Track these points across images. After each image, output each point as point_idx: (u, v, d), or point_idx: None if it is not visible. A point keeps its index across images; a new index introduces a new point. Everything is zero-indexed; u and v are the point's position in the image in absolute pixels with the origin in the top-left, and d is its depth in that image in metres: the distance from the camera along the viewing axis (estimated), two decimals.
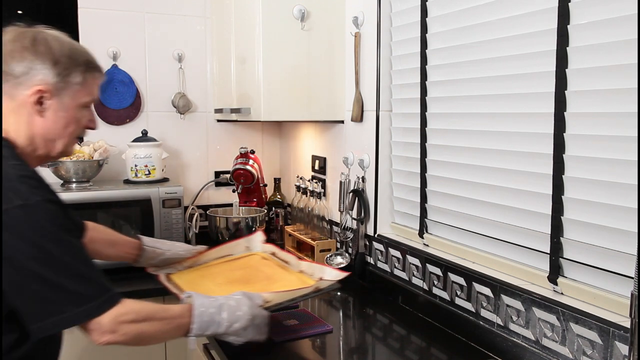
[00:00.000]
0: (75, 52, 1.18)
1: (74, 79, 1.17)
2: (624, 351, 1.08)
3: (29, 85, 1.13)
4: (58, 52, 1.15)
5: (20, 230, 1.02)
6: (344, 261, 2.03)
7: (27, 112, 1.14)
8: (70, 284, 1.06)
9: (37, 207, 1.04)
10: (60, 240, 1.06)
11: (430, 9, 1.71)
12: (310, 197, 2.29)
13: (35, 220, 1.04)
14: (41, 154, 1.19)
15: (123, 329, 1.11)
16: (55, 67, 1.14)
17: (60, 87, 1.15)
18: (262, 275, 1.59)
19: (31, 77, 1.12)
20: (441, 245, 1.71)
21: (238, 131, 2.70)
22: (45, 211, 1.06)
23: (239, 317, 1.26)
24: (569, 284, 1.27)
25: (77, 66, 1.17)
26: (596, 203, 1.21)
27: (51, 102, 1.15)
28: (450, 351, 1.45)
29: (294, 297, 1.40)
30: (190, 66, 2.55)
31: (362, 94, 2.00)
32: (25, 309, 1.06)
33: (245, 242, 1.79)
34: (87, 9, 2.37)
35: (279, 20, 2.02)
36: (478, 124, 1.53)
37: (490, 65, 1.48)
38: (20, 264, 1.02)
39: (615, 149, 1.16)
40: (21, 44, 1.13)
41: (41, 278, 1.03)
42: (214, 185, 2.64)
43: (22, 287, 1.03)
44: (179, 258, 1.66)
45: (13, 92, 1.13)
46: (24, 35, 1.14)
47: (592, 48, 1.19)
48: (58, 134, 1.18)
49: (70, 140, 1.22)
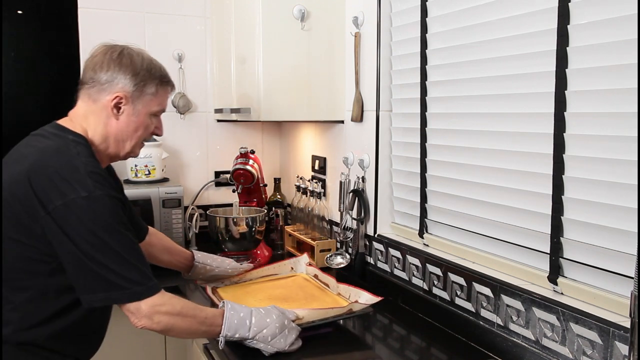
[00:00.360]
0: (153, 67, 1.37)
1: (149, 90, 1.36)
2: (624, 351, 1.08)
3: (110, 91, 1.32)
4: (139, 66, 1.34)
5: (82, 217, 1.18)
6: (344, 261, 2.03)
7: (105, 114, 1.34)
8: (119, 269, 1.20)
9: (99, 200, 1.20)
10: (115, 231, 1.21)
11: (430, 9, 1.71)
12: (310, 197, 2.28)
13: (95, 210, 1.19)
14: (112, 152, 1.38)
15: (157, 318, 1.24)
16: (135, 78, 1.33)
17: (136, 96, 1.34)
18: (301, 295, 1.69)
19: (114, 85, 1.32)
20: (441, 245, 1.71)
21: (238, 131, 2.70)
22: (105, 204, 1.21)
23: (267, 324, 1.35)
24: (569, 284, 1.27)
25: (153, 79, 1.36)
26: (596, 203, 1.21)
27: (126, 107, 1.34)
28: (450, 351, 1.45)
29: (326, 317, 1.47)
30: (190, 66, 2.55)
31: (362, 94, 2.00)
32: (79, 282, 1.22)
33: (290, 263, 1.92)
34: (87, 9, 2.37)
35: (279, 20, 2.02)
36: (478, 124, 1.53)
37: (490, 65, 1.48)
38: (80, 245, 1.18)
39: (615, 149, 1.16)
40: (110, 57, 1.33)
41: (95, 260, 1.19)
42: (214, 185, 2.64)
43: (80, 264, 1.20)
44: (226, 275, 1.80)
45: (97, 96, 1.33)
46: (113, 50, 1.34)
47: (592, 48, 1.19)
48: (128, 136, 1.37)
49: (138, 143, 1.40)
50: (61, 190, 1.18)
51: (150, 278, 1.25)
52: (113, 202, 1.24)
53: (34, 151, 1.26)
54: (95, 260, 1.19)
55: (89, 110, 1.35)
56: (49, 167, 1.21)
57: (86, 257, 1.18)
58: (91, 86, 1.33)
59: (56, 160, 1.23)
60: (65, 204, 1.18)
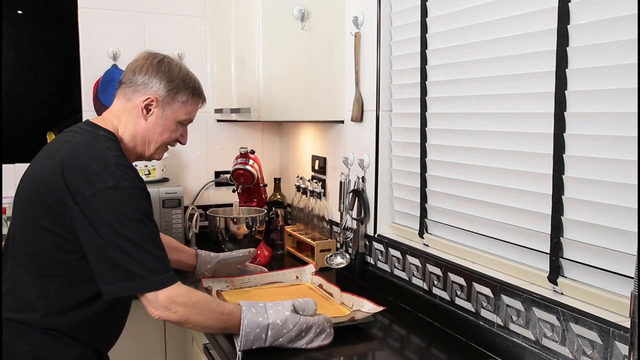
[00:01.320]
0: (188, 78, 1.46)
1: (180, 98, 1.44)
2: (624, 351, 1.08)
3: (144, 93, 1.41)
4: (175, 75, 1.43)
5: (108, 206, 1.23)
6: (344, 261, 2.03)
7: (136, 114, 1.42)
8: (140, 258, 1.23)
9: (125, 190, 1.25)
10: (139, 220, 1.25)
11: (430, 9, 1.71)
12: (310, 197, 2.29)
13: (121, 200, 1.24)
14: (139, 151, 1.46)
15: (174, 308, 1.26)
16: (169, 84, 1.42)
17: (167, 101, 1.42)
18: None
19: (148, 88, 1.41)
20: (441, 245, 1.71)
21: (238, 131, 2.70)
22: (131, 195, 1.26)
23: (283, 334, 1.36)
24: (569, 284, 1.27)
25: (186, 89, 1.45)
26: (596, 203, 1.20)
27: (156, 110, 1.42)
28: (450, 351, 1.45)
29: None
30: (190, 66, 2.47)
31: (362, 94, 2.00)
32: (101, 272, 1.25)
33: (296, 272, 1.94)
34: (87, 9, 2.37)
35: (279, 20, 2.02)
36: (478, 124, 1.53)
37: (490, 65, 1.48)
38: (103, 234, 1.22)
39: (615, 149, 1.16)
40: (150, 62, 1.42)
41: (117, 247, 1.22)
42: (214, 185, 2.65)
43: (102, 251, 1.23)
44: (232, 259, 1.87)
45: (131, 96, 1.42)
46: (155, 57, 1.44)
47: (592, 48, 1.19)
48: (154, 138, 1.44)
49: (162, 146, 1.48)
50: (91, 181, 1.24)
51: (169, 269, 1.28)
52: (139, 193, 1.28)
53: (67, 146, 1.32)
54: (117, 248, 1.22)
55: (122, 109, 1.43)
56: (81, 161, 1.27)
57: (108, 245, 1.22)
58: (128, 86, 1.42)
59: (88, 153, 1.29)
60: (93, 194, 1.23)
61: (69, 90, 2.41)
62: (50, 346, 1.32)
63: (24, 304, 1.32)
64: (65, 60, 2.39)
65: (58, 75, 2.40)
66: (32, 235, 1.31)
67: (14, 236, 1.37)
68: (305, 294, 1.79)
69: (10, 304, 1.33)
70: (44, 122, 2.39)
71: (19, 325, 1.31)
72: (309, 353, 1.38)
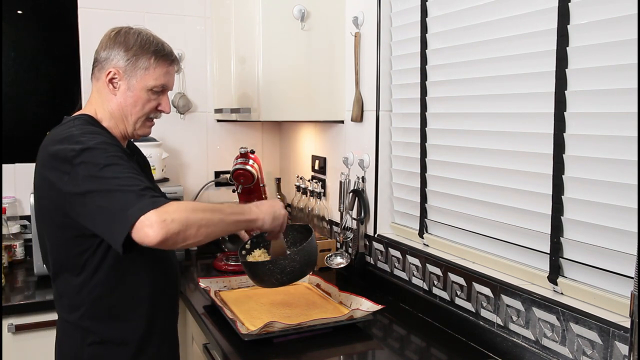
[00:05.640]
0: (148, 43, 1.38)
1: (141, 64, 1.37)
2: (624, 351, 1.08)
3: (107, 68, 1.37)
4: (132, 42, 1.37)
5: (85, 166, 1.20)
6: (344, 261, 2.03)
7: (105, 91, 1.38)
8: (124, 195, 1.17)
9: (95, 148, 1.23)
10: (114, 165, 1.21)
11: (430, 9, 1.71)
12: (310, 197, 2.29)
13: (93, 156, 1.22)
14: (121, 130, 1.41)
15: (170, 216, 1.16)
16: (127, 53, 1.36)
17: (129, 71, 1.37)
18: (302, 302, 1.71)
19: (109, 61, 1.37)
20: (441, 245, 1.71)
21: (238, 131, 2.70)
22: (101, 149, 1.23)
23: None
24: (569, 284, 1.27)
25: (146, 54, 1.37)
26: (596, 203, 1.20)
27: (121, 83, 1.37)
28: (450, 351, 1.45)
29: (327, 322, 1.51)
30: (190, 66, 2.55)
31: (362, 94, 2.00)
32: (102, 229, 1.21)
33: None
34: (87, 9, 2.37)
35: (279, 20, 2.02)
36: (478, 124, 1.53)
37: (490, 65, 1.48)
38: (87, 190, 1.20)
39: (615, 149, 1.16)
40: (108, 36, 1.39)
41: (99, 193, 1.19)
42: (214, 185, 2.64)
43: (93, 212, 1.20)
44: None
45: (98, 74, 1.39)
46: (113, 30, 1.40)
47: (592, 48, 1.19)
48: (129, 111, 1.39)
49: (140, 119, 1.41)
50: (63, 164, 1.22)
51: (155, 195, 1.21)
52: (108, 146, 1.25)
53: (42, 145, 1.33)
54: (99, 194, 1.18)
55: (94, 89, 1.42)
56: (49, 150, 1.27)
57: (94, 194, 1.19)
58: (95, 66, 1.41)
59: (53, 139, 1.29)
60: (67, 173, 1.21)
61: (69, 90, 2.41)
62: None
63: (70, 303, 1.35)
64: (65, 60, 2.39)
65: (58, 75, 2.39)
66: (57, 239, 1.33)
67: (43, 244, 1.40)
68: (303, 293, 1.79)
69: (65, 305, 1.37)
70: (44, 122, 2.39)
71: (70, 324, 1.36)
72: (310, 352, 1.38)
